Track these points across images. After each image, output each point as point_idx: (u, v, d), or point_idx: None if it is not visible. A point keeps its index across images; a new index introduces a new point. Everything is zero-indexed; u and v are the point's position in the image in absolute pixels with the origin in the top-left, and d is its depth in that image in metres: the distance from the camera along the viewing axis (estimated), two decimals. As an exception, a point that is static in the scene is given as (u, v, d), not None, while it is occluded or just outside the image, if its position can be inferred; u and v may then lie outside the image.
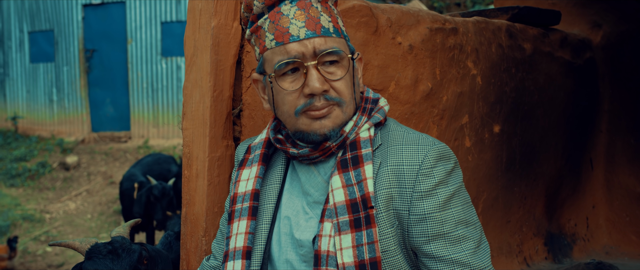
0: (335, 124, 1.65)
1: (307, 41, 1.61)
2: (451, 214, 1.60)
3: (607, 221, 4.28)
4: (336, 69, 1.64)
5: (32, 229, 8.84)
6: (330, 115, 1.64)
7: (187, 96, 2.32)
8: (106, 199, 9.93)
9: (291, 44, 1.61)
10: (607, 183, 4.29)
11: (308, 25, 1.61)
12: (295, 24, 1.61)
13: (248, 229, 1.71)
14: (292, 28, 1.61)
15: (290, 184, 1.79)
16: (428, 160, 1.60)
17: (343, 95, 1.64)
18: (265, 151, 1.82)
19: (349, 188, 1.61)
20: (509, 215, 3.44)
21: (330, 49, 1.61)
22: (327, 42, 1.61)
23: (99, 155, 11.82)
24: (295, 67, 1.64)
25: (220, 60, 2.24)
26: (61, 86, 13.35)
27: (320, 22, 1.62)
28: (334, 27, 1.65)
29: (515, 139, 3.41)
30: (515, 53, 3.33)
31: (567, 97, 3.84)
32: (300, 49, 1.61)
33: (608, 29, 4.17)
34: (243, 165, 1.84)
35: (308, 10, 1.62)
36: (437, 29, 2.77)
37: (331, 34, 1.63)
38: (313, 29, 1.61)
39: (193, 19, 2.31)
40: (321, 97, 1.62)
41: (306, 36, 1.61)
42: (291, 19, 1.62)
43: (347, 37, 1.72)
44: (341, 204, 1.60)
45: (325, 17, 1.64)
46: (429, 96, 2.74)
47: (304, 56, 1.61)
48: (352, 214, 1.59)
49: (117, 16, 12.66)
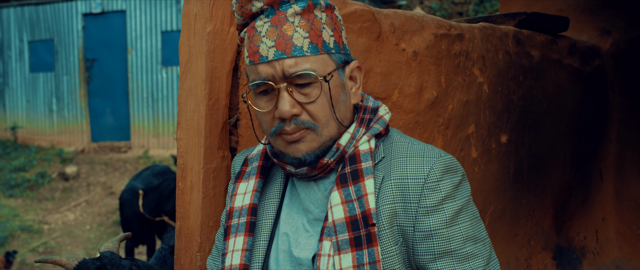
0: (310, 148, 1.56)
1: (276, 62, 1.50)
2: (459, 230, 1.52)
3: (617, 234, 4.19)
4: (311, 90, 1.52)
5: (30, 240, 8.79)
6: (304, 139, 1.55)
7: (182, 105, 2.24)
8: (105, 210, 9.88)
9: (260, 64, 1.52)
10: (617, 194, 4.21)
11: (278, 44, 1.50)
12: (265, 43, 1.51)
13: (245, 246, 1.63)
14: (262, 47, 1.52)
15: (290, 199, 1.70)
16: (434, 173, 1.52)
17: (317, 118, 1.54)
18: (263, 163, 1.74)
19: (348, 204, 1.53)
20: (517, 228, 3.35)
21: (300, 71, 1.49)
22: (297, 64, 1.50)
23: (98, 166, 11.79)
24: (267, 89, 1.55)
25: (216, 67, 2.16)
26: (61, 96, 13.34)
27: (293, 40, 1.50)
28: (310, 44, 1.51)
29: (523, 149, 3.32)
30: (522, 60, 3.24)
31: (576, 106, 3.76)
32: (269, 71, 1.51)
33: (617, 35, 4.09)
34: (240, 178, 1.76)
35: (281, 26, 1.51)
36: (442, 35, 2.67)
37: (304, 53, 1.50)
38: (283, 49, 1.49)
39: (188, 24, 2.22)
40: (291, 121, 1.53)
41: (274, 57, 1.50)
42: (262, 36, 1.52)
43: (335, 49, 1.57)
44: (340, 221, 1.52)
45: (300, 33, 1.51)
46: (434, 105, 2.65)
47: (274, 78, 1.51)
48: (352, 231, 1.50)
49: (118, 25, 12.66)
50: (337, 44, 1.57)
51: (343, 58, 1.59)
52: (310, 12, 1.53)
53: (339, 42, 1.58)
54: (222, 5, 2.17)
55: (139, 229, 6.75)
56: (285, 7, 1.51)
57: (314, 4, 1.53)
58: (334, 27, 1.57)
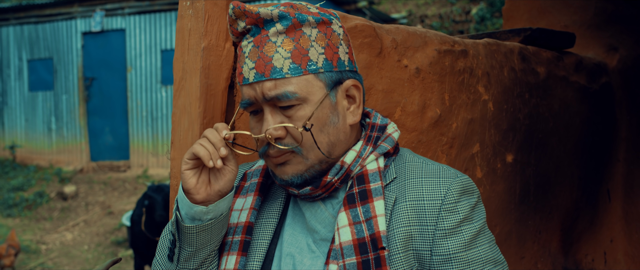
0: (296, 171, 1.49)
1: (256, 85, 1.44)
2: (478, 253, 1.46)
3: (626, 256, 4.10)
4: (294, 112, 1.45)
5: (28, 260, 8.71)
6: (289, 162, 1.49)
7: (175, 123, 2.17)
8: (104, 230, 9.81)
9: (243, 86, 1.48)
10: (625, 215, 4.12)
11: (257, 66, 1.43)
12: (247, 64, 1.45)
13: (237, 266, 1.55)
14: (244, 69, 1.46)
15: (293, 218, 1.61)
16: (451, 195, 1.46)
17: (300, 143, 1.46)
18: (262, 180, 1.66)
19: (356, 226, 1.45)
20: (523, 251, 3.26)
21: (279, 94, 1.42)
22: (277, 86, 1.42)
23: (97, 185, 11.75)
24: (255, 109, 1.51)
25: (211, 85, 2.09)
26: (60, 115, 13.33)
27: (273, 61, 1.42)
28: (292, 64, 1.43)
29: (529, 169, 3.24)
30: (528, 77, 3.17)
31: (583, 124, 3.69)
32: (251, 93, 1.46)
33: (624, 52, 4.03)
34: (237, 193, 1.68)
35: (263, 46, 1.44)
36: (446, 51, 2.60)
37: (284, 75, 1.42)
38: (262, 72, 1.43)
39: (182, 40, 2.15)
40: (274, 144, 1.46)
41: (254, 80, 1.44)
42: (246, 57, 1.46)
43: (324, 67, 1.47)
44: (348, 244, 1.44)
45: (281, 53, 1.43)
46: (438, 123, 2.57)
47: (257, 100, 1.46)
48: (360, 255, 1.43)
49: (117, 44, 12.68)
50: (328, 62, 1.47)
51: (335, 77, 1.49)
52: (296, 29, 1.44)
53: (332, 59, 1.48)
54: (218, 20, 2.10)
55: (146, 248, 6.69)
56: (269, 26, 1.44)
57: (300, 21, 1.44)
58: (327, 44, 1.47)
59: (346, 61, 1.52)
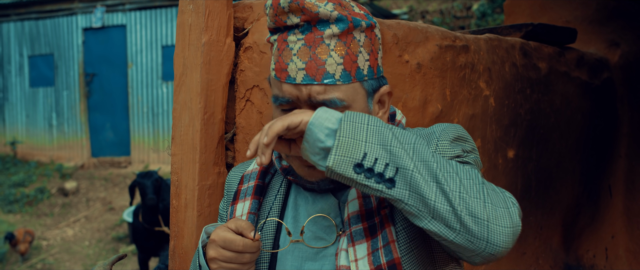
0: (324, 175, 1.47)
1: (303, 87, 1.39)
2: None
3: (627, 252, 4.09)
4: None
5: (29, 256, 8.69)
6: None
7: (176, 119, 2.16)
8: (105, 226, 9.81)
9: (286, 84, 1.41)
10: (626, 211, 4.11)
11: (308, 68, 1.38)
12: (295, 62, 1.39)
13: None
14: (291, 67, 1.40)
15: (295, 209, 1.60)
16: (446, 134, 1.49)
17: None
18: (259, 183, 1.65)
19: (365, 199, 1.45)
20: (525, 246, 3.26)
21: (327, 99, 1.39)
22: (326, 92, 1.39)
23: (98, 181, 11.74)
24: (292, 107, 1.45)
25: (212, 80, 2.09)
26: (61, 111, 13.32)
27: (325, 66, 1.38)
28: (343, 72, 1.40)
29: (530, 164, 3.23)
30: (530, 73, 3.16)
31: (585, 120, 3.68)
32: (294, 93, 1.41)
33: (626, 47, 4.02)
34: (237, 199, 1.66)
35: (316, 47, 1.39)
36: (447, 46, 2.58)
37: (336, 82, 1.39)
38: (313, 75, 1.38)
39: (182, 35, 2.15)
40: None
41: (303, 82, 1.39)
42: (293, 55, 1.40)
43: (368, 75, 1.46)
44: (355, 214, 1.44)
45: (334, 58, 1.39)
46: (439, 119, 2.56)
47: (299, 100, 1.41)
48: (367, 221, 1.43)
49: (118, 40, 12.66)
50: (371, 70, 1.46)
51: (375, 85, 1.48)
52: (349, 33, 1.41)
53: (373, 66, 1.46)
54: (218, 15, 2.10)
55: (145, 240, 6.71)
56: (323, 26, 1.39)
57: (355, 25, 1.40)
58: (371, 49, 1.45)
59: (381, 67, 1.52)
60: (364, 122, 1.27)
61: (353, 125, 1.26)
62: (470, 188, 1.25)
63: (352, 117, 1.27)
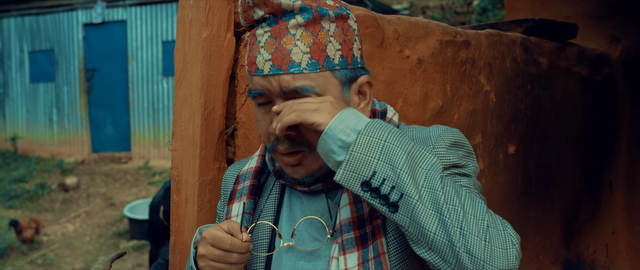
0: (309, 171, 1.47)
1: (272, 78, 1.39)
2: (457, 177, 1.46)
3: (627, 247, 4.08)
4: None
5: (29, 251, 8.69)
6: (302, 163, 1.46)
7: (176, 114, 2.16)
8: (105, 221, 9.80)
9: (256, 76, 1.42)
10: (627, 207, 4.11)
11: (274, 58, 1.38)
12: (262, 54, 1.40)
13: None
14: (258, 59, 1.41)
15: (290, 209, 1.60)
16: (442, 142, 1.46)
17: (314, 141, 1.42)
18: (254, 183, 1.64)
19: (357, 205, 1.44)
20: (525, 242, 3.26)
21: (298, 87, 1.38)
22: (295, 80, 1.38)
23: (98, 177, 11.74)
24: (265, 101, 1.45)
25: (212, 75, 2.08)
26: (61, 106, 13.31)
27: (291, 55, 1.38)
28: (310, 60, 1.39)
29: (531, 160, 3.22)
30: (530, 68, 3.15)
31: (585, 115, 3.67)
32: (265, 85, 1.40)
33: (627, 43, 4.01)
34: (232, 198, 1.66)
35: (281, 37, 1.39)
36: (448, 41, 2.58)
37: (302, 70, 1.38)
38: (279, 64, 1.38)
39: (183, 30, 2.14)
40: (284, 141, 1.42)
41: (270, 72, 1.39)
42: (261, 47, 1.41)
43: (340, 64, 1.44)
44: (347, 221, 1.43)
45: (300, 47, 1.39)
46: (439, 114, 2.55)
47: (270, 92, 1.41)
48: (358, 230, 1.42)
49: (118, 35, 12.64)
50: (343, 59, 1.44)
51: (350, 75, 1.47)
52: (316, 23, 1.41)
53: (347, 56, 1.45)
54: (219, 10, 2.09)
55: (162, 235, 6.70)
56: (288, 17, 1.39)
57: (321, 15, 1.40)
58: (343, 39, 1.44)
59: (359, 58, 1.50)
60: (382, 137, 1.26)
61: (369, 140, 1.25)
62: (472, 224, 1.23)
63: (372, 130, 1.26)
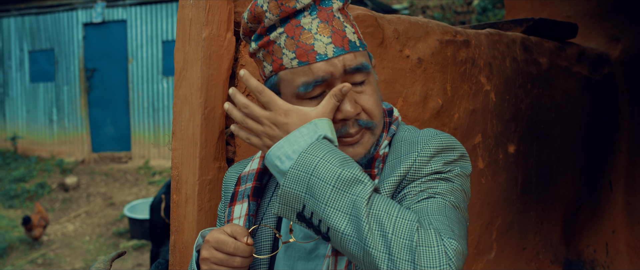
0: (366, 150, 1.47)
1: (336, 59, 1.39)
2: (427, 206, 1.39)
3: (627, 247, 4.08)
4: (365, 88, 1.44)
5: (29, 251, 8.71)
6: (361, 141, 1.46)
7: (177, 114, 2.15)
8: (105, 221, 9.80)
9: (318, 63, 1.39)
10: (627, 206, 4.10)
11: (335, 40, 1.40)
12: (320, 40, 1.39)
13: None
14: (317, 45, 1.39)
15: None
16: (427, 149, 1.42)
17: (374, 117, 1.45)
18: (257, 184, 1.63)
19: None
20: (525, 241, 3.25)
21: (359, 64, 1.41)
22: (356, 58, 1.41)
23: (98, 176, 11.73)
24: (318, 94, 1.43)
25: (212, 75, 2.08)
26: (61, 106, 13.30)
27: (347, 35, 1.42)
28: (358, 39, 1.45)
29: (531, 159, 3.22)
30: (530, 68, 3.15)
31: (585, 115, 3.67)
32: (329, 69, 1.39)
33: (627, 42, 4.00)
34: (234, 200, 1.65)
35: (332, 22, 1.41)
36: (448, 41, 2.58)
37: (358, 48, 1.43)
38: (341, 45, 1.40)
39: (183, 30, 2.14)
40: (355, 122, 1.43)
41: (335, 54, 1.39)
42: (314, 34, 1.40)
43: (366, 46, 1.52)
44: None
45: (349, 28, 1.44)
46: (440, 113, 2.55)
47: (333, 76, 1.40)
48: None
49: (118, 35, 12.64)
50: (365, 43, 1.53)
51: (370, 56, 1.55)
52: (344, 9, 1.48)
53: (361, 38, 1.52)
54: (219, 10, 2.09)
55: (163, 234, 6.70)
56: (327, 3, 1.44)
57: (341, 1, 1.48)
58: (352, 23, 1.50)
59: None
60: (308, 171, 1.27)
61: (297, 174, 1.27)
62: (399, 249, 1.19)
63: (301, 164, 1.28)
